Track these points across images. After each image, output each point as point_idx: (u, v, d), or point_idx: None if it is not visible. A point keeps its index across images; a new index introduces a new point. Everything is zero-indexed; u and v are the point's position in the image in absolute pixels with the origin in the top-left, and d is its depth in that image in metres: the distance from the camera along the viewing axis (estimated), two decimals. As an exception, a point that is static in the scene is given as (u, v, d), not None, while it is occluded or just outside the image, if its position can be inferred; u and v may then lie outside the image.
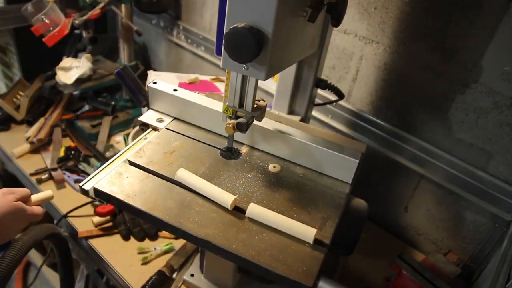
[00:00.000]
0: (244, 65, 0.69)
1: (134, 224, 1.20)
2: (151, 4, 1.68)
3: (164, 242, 1.18)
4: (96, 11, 1.40)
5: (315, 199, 0.82)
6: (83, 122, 1.59)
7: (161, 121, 0.97)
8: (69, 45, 1.80)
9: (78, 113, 1.61)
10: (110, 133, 1.58)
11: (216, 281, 1.04)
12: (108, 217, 1.21)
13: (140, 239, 1.19)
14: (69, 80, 1.53)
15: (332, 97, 1.28)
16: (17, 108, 1.57)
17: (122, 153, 0.87)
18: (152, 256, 1.13)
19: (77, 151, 1.45)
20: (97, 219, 1.20)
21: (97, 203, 1.24)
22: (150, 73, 1.56)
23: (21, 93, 1.60)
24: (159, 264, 1.12)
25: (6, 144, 1.48)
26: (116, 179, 0.79)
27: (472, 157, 1.14)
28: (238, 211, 0.76)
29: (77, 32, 1.70)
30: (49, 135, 1.50)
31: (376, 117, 1.29)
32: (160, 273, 1.08)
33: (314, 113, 1.41)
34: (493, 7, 0.97)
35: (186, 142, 0.92)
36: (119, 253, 1.14)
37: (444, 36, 1.07)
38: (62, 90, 1.62)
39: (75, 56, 1.77)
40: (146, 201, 0.75)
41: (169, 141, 0.91)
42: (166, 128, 0.95)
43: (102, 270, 1.18)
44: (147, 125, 0.97)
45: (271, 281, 0.92)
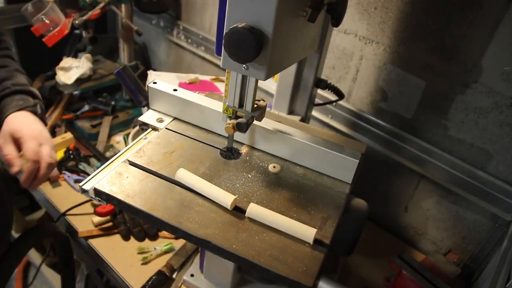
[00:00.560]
0: (244, 65, 0.69)
1: (134, 224, 1.20)
2: (151, 4, 1.68)
3: (164, 242, 1.18)
4: (96, 11, 1.40)
5: (315, 199, 0.82)
6: (83, 122, 1.59)
7: (161, 121, 0.97)
8: (69, 45, 1.80)
9: (78, 113, 1.61)
10: (110, 133, 1.58)
11: (216, 281, 1.04)
12: (108, 217, 1.21)
13: (140, 239, 1.19)
14: (69, 80, 1.53)
15: (332, 97, 1.28)
16: (17, 108, 1.58)
17: (122, 153, 0.87)
18: (152, 256, 1.13)
19: (77, 151, 1.45)
20: (97, 219, 1.20)
21: (97, 203, 1.24)
22: (150, 73, 1.56)
23: (21, 93, 1.60)
24: (159, 264, 1.12)
25: (6, 144, 1.47)
26: (116, 179, 0.79)
27: (472, 157, 1.14)
28: (238, 211, 0.76)
29: (77, 32, 1.70)
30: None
31: (376, 117, 1.29)
32: (160, 273, 1.08)
33: (314, 113, 1.41)
34: (493, 7, 0.97)
35: (186, 142, 0.92)
36: (119, 253, 1.14)
37: (444, 36, 1.07)
38: (62, 90, 1.62)
39: (75, 56, 1.77)
40: (146, 201, 0.75)
41: (169, 141, 0.91)
42: (166, 128, 0.95)
43: (102, 270, 1.18)
44: (147, 125, 0.97)
45: (271, 281, 0.92)
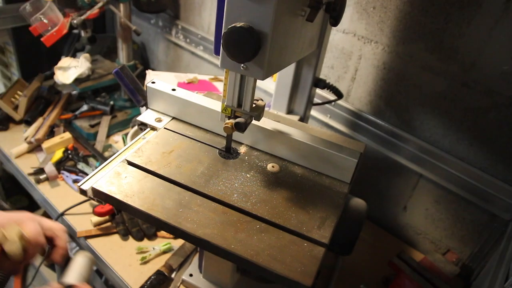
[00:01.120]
0: (243, 65, 0.69)
1: (133, 224, 1.20)
2: (150, 4, 1.68)
3: (163, 242, 1.18)
4: (95, 11, 1.40)
5: (314, 199, 0.82)
6: (82, 122, 1.59)
7: (160, 121, 0.97)
8: (68, 45, 1.80)
9: (77, 113, 1.61)
10: (109, 133, 1.58)
11: (215, 281, 1.04)
12: (107, 217, 1.21)
13: (139, 239, 1.19)
14: (68, 80, 1.52)
15: (331, 97, 1.28)
16: (16, 108, 1.57)
17: (121, 153, 0.87)
18: (151, 256, 1.13)
19: (76, 151, 1.45)
20: (96, 219, 1.20)
21: (95, 203, 1.24)
22: (149, 73, 1.56)
23: (20, 93, 1.60)
24: (158, 264, 1.12)
25: (5, 144, 1.47)
26: (115, 179, 0.79)
27: (471, 157, 1.14)
28: (238, 211, 0.76)
29: (76, 32, 1.70)
30: (47, 135, 1.50)
31: (375, 117, 1.29)
32: (159, 273, 1.08)
33: (313, 113, 1.41)
34: (492, 7, 0.97)
35: (185, 142, 0.92)
36: (118, 253, 1.14)
37: (443, 36, 1.07)
38: (61, 90, 1.62)
39: (74, 56, 1.77)
40: (145, 201, 0.75)
41: (168, 141, 0.91)
42: (165, 128, 0.95)
43: (101, 270, 1.17)
44: (146, 125, 0.97)
45: (270, 281, 0.92)
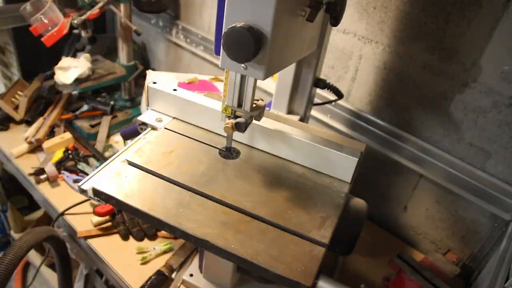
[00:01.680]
0: (243, 65, 0.69)
1: (133, 224, 1.20)
2: (150, 4, 1.68)
3: (163, 242, 1.18)
4: (95, 11, 1.40)
5: (314, 199, 0.82)
6: (82, 122, 1.59)
7: (160, 121, 0.97)
8: (68, 45, 1.80)
9: (77, 113, 1.61)
10: (109, 133, 1.58)
11: (215, 281, 1.04)
12: (107, 217, 1.21)
13: (139, 239, 1.19)
14: (68, 80, 1.52)
15: (331, 97, 1.28)
16: (16, 108, 1.57)
17: (121, 153, 0.87)
18: (151, 256, 1.13)
19: (76, 151, 1.45)
20: (96, 219, 1.20)
21: (96, 203, 1.24)
22: (149, 73, 1.56)
23: (20, 93, 1.60)
24: (158, 264, 1.12)
25: (5, 144, 1.47)
26: (115, 179, 0.79)
27: (471, 157, 1.14)
28: (239, 211, 0.76)
29: (76, 32, 1.70)
30: (48, 135, 1.50)
31: (375, 117, 1.29)
32: (159, 273, 1.08)
33: (313, 113, 1.41)
34: (492, 6, 0.97)
35: (185, 142, 0.92)
36: (118, 253, 1.14)
37: (443, 36, 1.07)
38: (61, 90, 1.62)
39: (74, 56, 1.77)
40: (145, 201, 0.75)
41: (168, 141, 0.91)
42: (165, 128, 0.95)
43: (101, 270, 1.17)
44: (146, 125, 0.97)
45: (270, 281, 0.92)
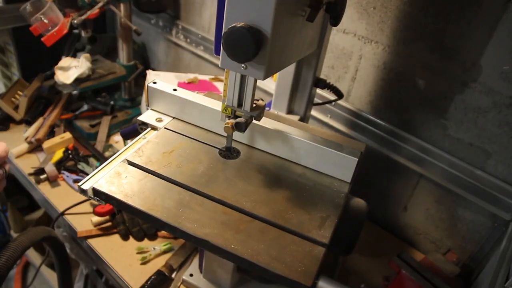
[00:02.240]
0: (243, 65, 0.69)
1: (133, 224, 1.20)
2: (150, 4, 1.68)
3: (163, 242, 1.18)
4: (95, 11, 1.40)
5: (314, 199, 0.82)
6: (82, 122, 1.59)
7: (160, 121, 0.97)
8: (68, 45, 1.80)
9: (77, 113, 1.61)
10: (109, 133, 1.58)
11: (215, 281, 1.04)
12: (107, 217, 1.21)
13: (139, 239, 1.19)
14: (68, 80, 1.52)
15: (331, 97, 1.28)
16: (16, 108, 1.57)
17: (121, 153, 0.87)
18: (151, 256, 1.13)
19: (76, 151, 1.45)
20: (96, 219, 1.20)
21: (96, 203, 1.24)
22: (149, 73, 1.56)
23: (20, 93, 1.60)
24: (158, 264, 1.12)
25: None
26: (115, 179, 0.79)
27: (471, 157, 1.14)
28: (239, 211, 0.76)
29: (76, 32, 1.70)
30: (47, 135, 1.50)
31: (375, 117, 1.29)
32: (159, 273, 1.08)
33: (313, 113, 1.41)
34: (492, 7, 0.97)
35: (185, 142, 0.92)
36: (118, 253, 1.14)
37: (443, 36, 1.07)
38: (61, 90, 1.62)
39: (74, 56, 1.77)
40: (145, 201, 0.75)
41: (168, 141, 0.91)
42: (165, 128, 0.95)
43: (101, 270, 1.18)
44: (146, 125, 0.97)
45: (270, 281, 0.92)
